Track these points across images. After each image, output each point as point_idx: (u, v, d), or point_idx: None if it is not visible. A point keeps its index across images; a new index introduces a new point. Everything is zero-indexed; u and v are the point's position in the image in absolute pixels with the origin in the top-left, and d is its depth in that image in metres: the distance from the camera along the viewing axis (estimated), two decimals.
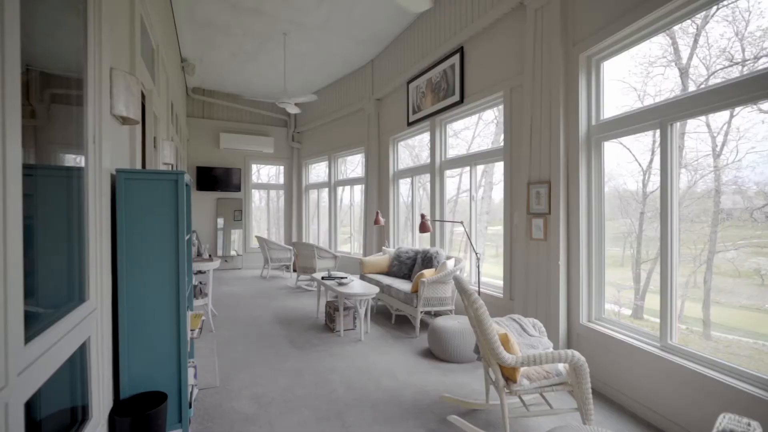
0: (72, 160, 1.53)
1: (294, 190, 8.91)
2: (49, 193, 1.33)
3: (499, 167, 4.38)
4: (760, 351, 2.19)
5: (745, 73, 2.09)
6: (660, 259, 2.45)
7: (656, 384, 2.34)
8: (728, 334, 2.48)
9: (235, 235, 8.39)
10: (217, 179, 8.13)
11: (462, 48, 4.35)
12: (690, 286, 2.63)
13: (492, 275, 4.42)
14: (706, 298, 2.57)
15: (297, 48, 5.94)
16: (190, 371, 2.28)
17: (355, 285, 4.15)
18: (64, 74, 1.47)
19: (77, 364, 1.47)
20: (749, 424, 0.98)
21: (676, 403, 2.22)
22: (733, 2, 2.22)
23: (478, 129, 5.06)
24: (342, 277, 4.38)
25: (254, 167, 8.95)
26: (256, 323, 4.37)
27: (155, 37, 3.34)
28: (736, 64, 2.28)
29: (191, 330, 2.30)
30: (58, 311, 1.29)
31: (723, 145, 2.40)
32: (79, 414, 1.50)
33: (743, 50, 2.27)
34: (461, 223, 4.07)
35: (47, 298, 1.30)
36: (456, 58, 4.43)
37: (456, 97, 4.43)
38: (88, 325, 1.50)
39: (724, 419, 1.04)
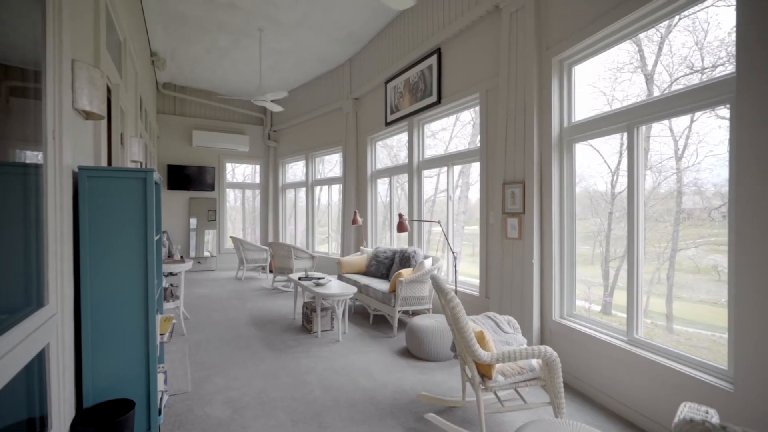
0: (30, 156, 1.44)
1: (270, 190, 8.75)
2: (4, 191, 1.25)
3: (475, 168, 4.45)
4: (717, 343, 2.32)
5: (704, 80, 2.21)
6: (627, 256, 2.55)
7: (623, 376, 2.44)
8: (689, 328, 2.61)
9: (209, 235, 8.16)
10: (189, 178, 7.88)
11: (439, 49, 4.39)
12: (654, 283, 2.75)
13: (469, 274, 4.49)
14: (669, 293, 2.70)
15: (273, 45, 5.83)
16: (160, 377, 2.20)
17: (333, 285, 4.11)
18: (22, 66, 1.38)
19: (35, 372, 1.38)
20: (707, 412, 1.03)
21: (642, 394, 2.32)
22: (693, 13, 2.34)
23: (455, 130, 5.13)
24: (319, 278, 4.34)
25: (229, 166, 8.73)
26: (230, 326, 4.26)
27: (122, 29, 3.20)
28: (696, 71, 2.41)
29: (161, 334, 2.21)
30: (13, 317, 1.21)
31: (684, 148, 2.52)
32: (38, 425, 1.41)
33: (702, 59, 2.39)
34: (438, 222, 4.11)
35: (0, 303, 1.21)
36: (433, 59, 4.47)
37: (433, 98, 4.47)
38: (47, 331, 1.41)
39: (685, 408, 1.09)
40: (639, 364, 2.34)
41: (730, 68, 2.04)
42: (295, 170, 8.73)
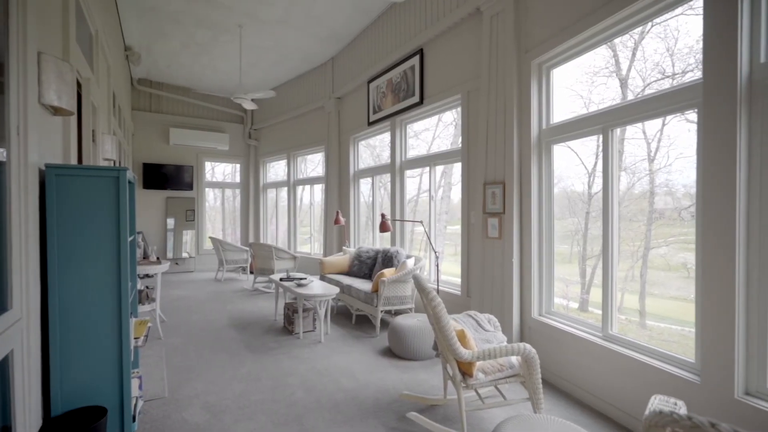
0: None
1: (251, 189, 8.60)
2: None
3: (457, 168, 4.49)
4: (686, 337, 2.42)
5: (674, 85, 2.29)
6: (602, 255, 2.63)
7: (599, 371, 2.51)
8: (660, 323, 2.71)
9: (187, 236, 7.95)
10: (166, 177, 7.65)
11: (422, 50, 4.41)
12: (629, 280, 2.85)
13: (452, 273, 4.53)
14: (642, 290, 2.80)
15: (254, 42, 5.73)
16: (134, 382, 2.13)
17: (315, 286, 4.08)
18: None
19: None
20: (676, 404, 1.07)
21: (616, 387, 2.39)
22: (664, 21, 2.43)
23: (438, 130, 5.16)
24: (301, 278, 4.29)
25: (208, 165, 8.53)
26: (209, 328, 4.17)
27: (94, 21, 3.08)
28: (667, 77, 2.50)
29: (135, 338, 2.14)
30: None
31: (656, 150, 2.62)
32: None
33: (673, 65, 2.49)
34: (421, 222, 4.13)
35: None
36: (416, 60, 4.49)
37: (416, 98, 4.49)
38: (11, 337, 1.34)
39: (655, 400, 1.14)
40: (613, 359, 2.41)
41: (698, 74, 2.13)
42: (276, 169, 8.61)
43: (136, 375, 2.28)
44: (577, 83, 3.03)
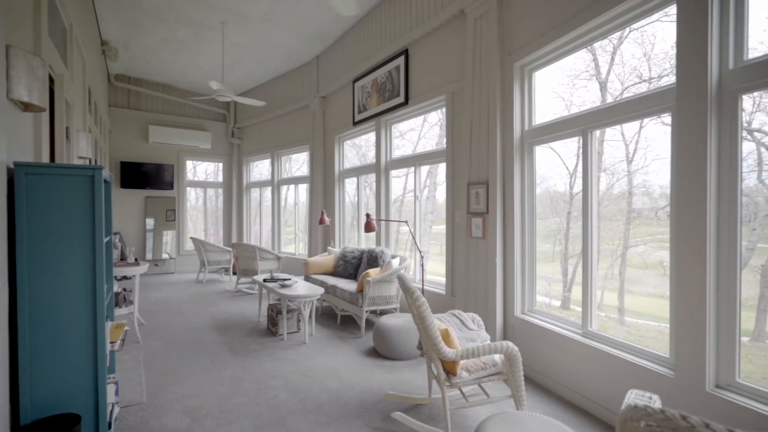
0: None
1: (234, 189, 8.46)
2: None
3: (443, 168, 4.53)
4: (662, 333, 2.49)
5: (651, 89, 2.36)
6: (582, 254, 2.69)
7: (579, 367, 2.57)
8: (638, 319, 2.79)
9: (168, 236, 7.76)
10: (146, 176, 7.46)
11: (407, 50, 4.43)
12: (609, 278, 2.92)
13: (437, 273, 4.56)
14: (621, 288, 2.88)
15: (237, 39, 5.64)
16: (110, 388, 2.06)
17: (299, 286, 4.04)
18: None
19: None
20: (651, 398, 1.11)
21: (596, 383, 2.45)
22: (642, 27, 2.50)
23: (423, 130, 5.19)
24: (285, 279, 4.24)
25: (190, 164, 8.35)
26: (190, 331, 4.08)
27: (68, 14, 2.97)
28: (644, 81, 2.57)
29: (111, 342, 2.08)
30: None
31: (634, 152, 2.69)
32: None
33: (650, 69, 2.56)
34: (406, 222, 4.14)
35: None
36: (401, 60, 4.50)
37: (401, 99, 4.50)
38: None
39: (632, 395, 1.17)
40: (593, 356, 2.47)
41: (672, 79, 2.20)
42: (260, 169, 8.49)
43: (112, 380, 2.21)
44: (559, 86, 3.10)
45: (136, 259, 4.17)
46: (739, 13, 1.86)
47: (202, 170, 8.74)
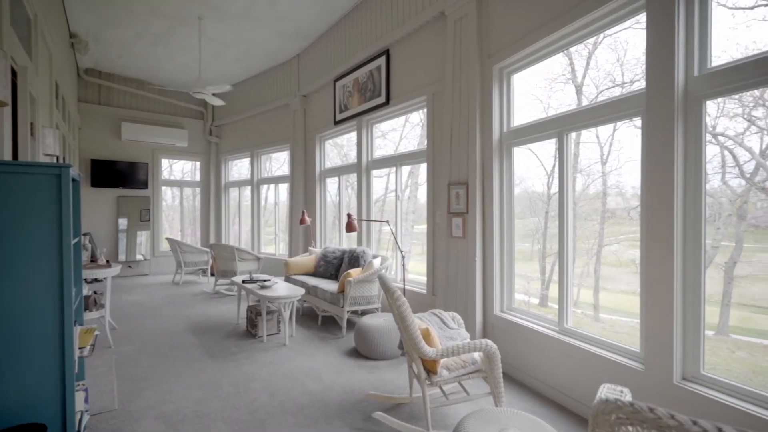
0: None
1: (212, 188, 8.26)
2: None
3: (424, 168, 4.56)
4: (634, 328, 2.59)
5: (623, 93, 2.45)
6: (558, 252, 2.76)
7: (556, 363, 2.64)
8: (612, 316, 2.89)
9: (142, 237, 7.52)
10: (118, 175, 7.19)
11: (388, 51, 4.43)
12: (584, 276, 3.01)
13: (419, 272, 4.59)
14: (596, 285, 2.97)
15: (215, 35, 5.51)
16: (79, 395, 1.98)
17: (280, 287, 3.99)
18: None
19: None
20: (622, 391, 1.15)
21: (571, 378, 2.52)
22: (615, 33, 2.59)
23: (405, 131, 5.21)
24: (265, 280, 4.18)
25: (165, 162, 8.11)
26: (166, 334, 3.96)
27: (32, 4, 2.83)
28: (618, 85, 2.66)
29: (80, 348, 1.99)
30: None
31: (608, 154, 2.78)
32: None
33: (623, 74, 2.66)
34: (387, 222, 4.15)
35: None
36: (382, 60, 4.50)
37: (382, 99, 4.50)
38: None
39: (604, 389, 1.21)
40: (568, 352, 2.54)
41: (644, 84, 2.28)
42: (239, 168, 8.33)
43: (81, 387, 2.12)
44: (537, 89, 3.17)
45: (107, 261, 4.01)
46: (703, 24, 1.95)
47: (178, 169, 8.50)
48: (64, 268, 1.70)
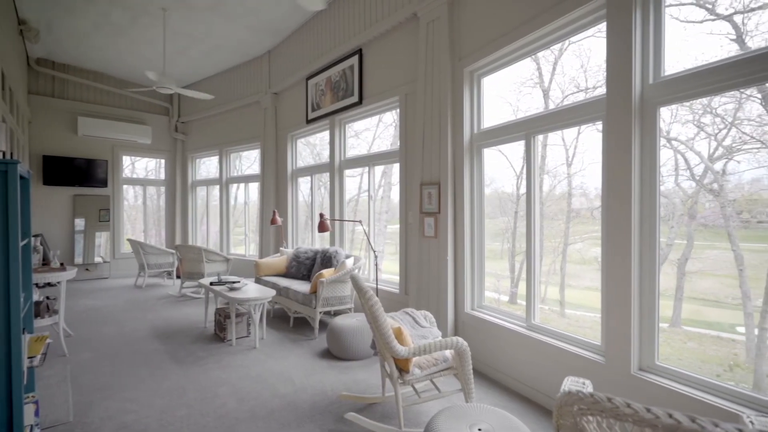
0: None
1: (178, 187, 7.94)
2: None
3: (397, 168, 4.58)
4: (597, 323, 2.71)
5: (586, 98, 2.56)
6: (526, 251, 2.85)
7: (523, 359, 2.72)
8: (577, 311, 3.02)
9: (101, 238, 7.11)
10: (74, 172, 6.77)
11: (361, 50, 4.42)
12: (551, 273, 3.12)
13: (392, 272, 4.60)
14: (562, 282, 3.09)
15: (181, 28, 5.30)
16: (29, 408, 1.85)
17: (249, 289, 3.88)
18: None
19: None
20: (584, 383, 1.20)
21: (538, 372, 2.61)
22: (579, 41, 2.70)
23: (378, 130, 5.21)
24: (234, 281, 4.06)
25: (127, 159, 7.72)
26: (127, 340, 3.76)
27: None
28: (582, 90, 2.78)
29: (30, 357, 1.86)
30: None
31: (573, 156, 2.90)
32: None
33: (586, 80, 2.78)
34: (360, 222, 4.14)
35: None
36: (355, 59, 4.49)
37: (355, 98, 4.48)
38: None
39: (568, 381, 1.25)
40: (535, 347, 2.63)
41: (605, 90, 2.39)
42: (207, 166, 8.05)
43: (30, 400, 1.98)
44: (506, 92, 3.26)
45: (62, 264, 3.77)
46: (658, 35, 2.07)
47: (141, 166, 8.11)
48: (11, 272, 1.58)
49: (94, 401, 2.56)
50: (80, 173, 6.83)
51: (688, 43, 2.08)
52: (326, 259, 4.41)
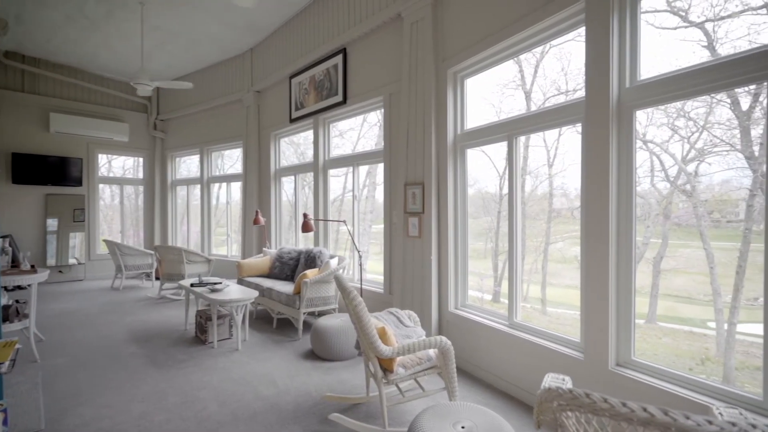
0: None
1: (157, 186, 7.74)
2: None
3: (381, 168, 4.58)
4: (577, 320, 2.78)
5: (567, 100, 2.61)
6: (508, 250, 2.89)
7: (506, 356, 2.76)
8: (558, 309, 3.08)
9: (76, 239, 6.87)
10: (47, 170, 6.51)
11: (345, 49, 4.40)
12: (533, 272, 3.18)
13: (377, 272, 4.60)
14: (543, 281, 3.15)
15: (159, 23, 5.16)
16: None
17: (232, 290, 3.82)
18: None
19: None
20: (563, 380, 1.23)
21: (520, 370, 2.65)
22: (560, 44, 2.75)
23: (363, 130, 5.20)
24: (216, 283, 3.98)
25: (103, 157, 7.48)
26: (103, 344, 3.64)
27: None
28: (562, 93, 2.84)
29: None
30: None
31: (554, 157, 2.96)
32: None
33: (567, 83, 2.84)
34: (344, 222, 4.12)
35: None
36: (339, 59, 4.46)
37: (339, 98, 4.46)
38: None
39: (548, 378, 1.28)
40: (517, 345, 2.67)
41: (584, 93, 2.45)
42: (188, 165, 7.87)
43: None
44: (490, 93, 3.30)
45: (32, 266, 3.62)
46: (634, 40, 2.14)
47: (118, 165, 7.87)
48: None
49: (67, 408, 2.47)
50: (53, 171, 6.57)
51: (663, 48, 2.15)
52: (310, 260, 4.37)
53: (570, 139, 2.77)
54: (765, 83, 1.69)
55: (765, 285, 1.67)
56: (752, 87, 1.85)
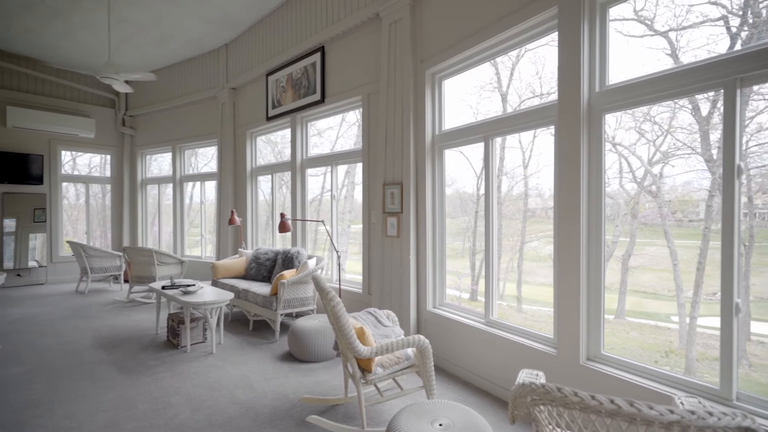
0: None
1: (126, 185, 7.42)
2: None
3: (360, 168, 4.56)
4: (550, 317, 2.86)
5: (541, 103, 2.68)
6: (485, 249, 2.94)
7: (482, 354, 2.81)
8: (533, 306, 3.16)
9: (36, 240, 6.50)
10: (4, 168, 6.13)
11: (323, 48, 4.36)
12: (509, 271, 3.25)
13: (355, 272, 4.58)
14: (519, 279, 3.22)
15: (127, 14, 4.95)
16: None
17: (206, 292, 3.71)
18: None
19: None
20: (537, 375, 1.26)
21: (496, 367, 2.71)
22: (534, 48, 2.82)
23: (342, 130, 5.16)
24: (189, 285, 3.86)
25: (66, 154, 7.11)
26: (66, 351, 3.46)
27: None
28: (537, 96, 2.91)
29: None
30: None
31: (530, 158, 3.03)
32: None
33: (541, 86, 2.91)
34: (323, 222, 4.08)
35: None
36: (317, 57, 4.42)
37: (317, 96, 4.41)
38: None
39: (523, 374, 1.31)
40: (493, 342, 2.72)
41: (557, 96, 2.52)
42: (160, 163, 7.59)
43: None
44: (467, 94, 3.34)
45: None
46: (603, 46, 2.22)
47: (84, 162, 7.50)
48: None
49: (25, 420, 2.33)
50: (10, 169, 6.19)
51: (631, 55, 2.25)
52: (288, 260, 4.31)
53: (544, 140, 2.84)
54: (722, 90, 1.79)
55: (722, 281, 1.77)
56: (711, 94, 1.96)
